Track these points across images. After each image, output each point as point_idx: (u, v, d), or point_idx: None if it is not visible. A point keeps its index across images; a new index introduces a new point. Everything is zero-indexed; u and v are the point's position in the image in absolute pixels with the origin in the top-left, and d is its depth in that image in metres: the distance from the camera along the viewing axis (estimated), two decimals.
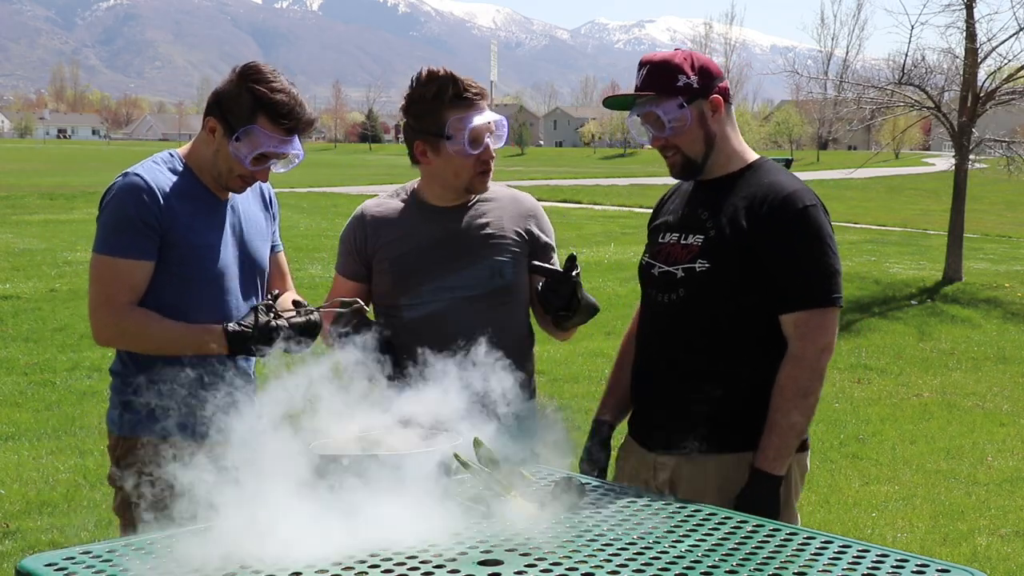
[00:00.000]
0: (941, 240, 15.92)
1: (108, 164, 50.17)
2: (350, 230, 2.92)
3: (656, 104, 2.54)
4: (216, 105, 2.61)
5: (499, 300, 2.80)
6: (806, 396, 2.45)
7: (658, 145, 2.61)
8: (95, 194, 26.21)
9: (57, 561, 1.88)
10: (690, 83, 2.53)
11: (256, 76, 2.57)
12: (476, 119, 2.70)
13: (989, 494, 5.72)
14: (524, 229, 2.87)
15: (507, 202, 2.89)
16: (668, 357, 2.61)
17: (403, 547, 1.93)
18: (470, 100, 2.70)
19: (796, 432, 2.46)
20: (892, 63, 14.58)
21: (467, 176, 2.79)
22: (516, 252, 2.84)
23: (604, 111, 41.10)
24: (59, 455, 5.94)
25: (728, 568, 1.87)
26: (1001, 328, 11.01)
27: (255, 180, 2.68)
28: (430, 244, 2.80)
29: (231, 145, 2.58)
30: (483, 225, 2.82)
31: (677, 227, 2.63)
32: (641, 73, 2.58)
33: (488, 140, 2.75)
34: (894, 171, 47.88)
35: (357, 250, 2.89)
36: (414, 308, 2.80)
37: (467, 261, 2.79)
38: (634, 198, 28.68)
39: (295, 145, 2.62)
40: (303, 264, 13.82)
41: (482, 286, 2.78)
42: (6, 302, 10.68)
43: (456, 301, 2.77)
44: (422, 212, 2.85)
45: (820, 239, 2.48)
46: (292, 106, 2.56)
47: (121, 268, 2.55)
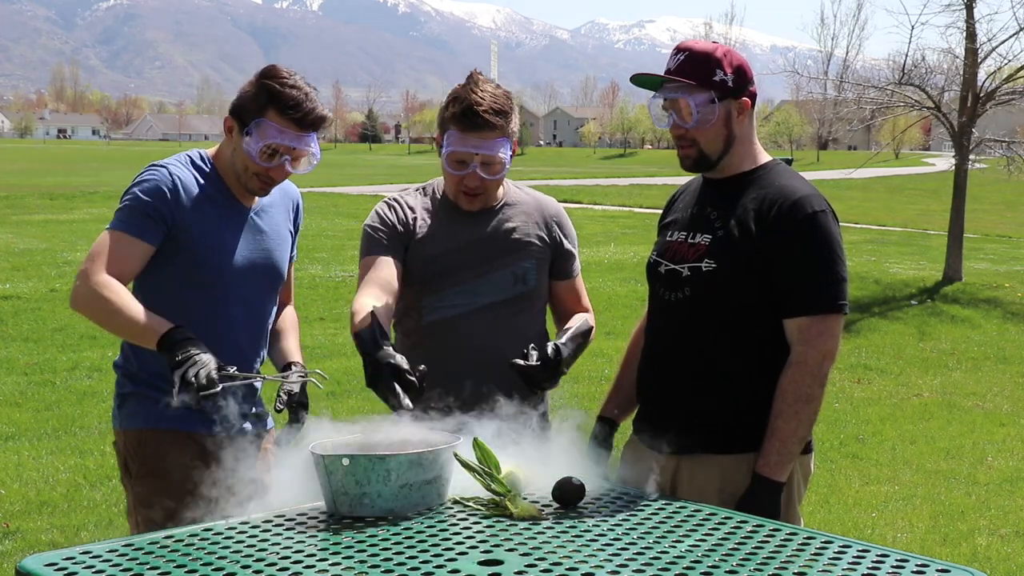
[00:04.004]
0: (941, 240, 15.92)
1: (108, 164, 50.20)
2: (383, 212, 2.79)
3: (688, 93, 2.50)
4: (234, 105, 2.64)
5: (520, 306, 2.80)
6: (808, 402, 2.44)
7: (677, 134, 2.57)
8: (95, 194, 26.32)
9: (57, 561, 1.88)
10: (726, 80, 2.52)
11: (271, 74, 2.60)
12: (457, 144, 2.64)
13: (989, 494, 5.71)
14: (548, 234, 2.85)
15: (532, 207, 2.87)
16: (673, 356, 2.60)
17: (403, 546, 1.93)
18: (471, 122, 2.63)
19: (798, 438, 2.45)
20: (892, 63, 14.59)
21: (451, 191, 2.78)
22: (540, 258, 2.83)
23: (604, 111, 41.03)
24: (59, 455, 5.93)
25: (728, 568, 1.87)
26: (1001, 328, 11.02)
27: (273, 180, 2.65)
28: (459, 248, 2.75)
29: (244, 140, 2.59)
30: (509, 230, 2.80)
31: (685, 225, 2.62)
32: (678, 58, 2.53)
33: (475, 167, 2.66)
34: (894, 171, 47.88)
35: (394, 231, 2.75)
36: (436, 311, 2.76)
37: (493, 266, 2.77)
38: (634, 198, 28.68)
39: (307, 142, 2.61)
40: (303, 264, 13.82)
41: (506, 292, 2.76)
42: (6, 302, 10.67)
43: (478, 308, 2.74)
44: (449, 213, 2.80)
45: (828, 245, 2.47)
46: (300, 99, 2.56)
47: (117, 240, 2.54)
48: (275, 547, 1.96)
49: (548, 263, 2.84)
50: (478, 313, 2.73)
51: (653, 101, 2.59)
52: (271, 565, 1.86)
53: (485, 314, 2.73)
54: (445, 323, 2.74)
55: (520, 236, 2.80)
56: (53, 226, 18.71)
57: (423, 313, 2.76)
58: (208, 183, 2.66)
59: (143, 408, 2.64)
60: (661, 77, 2.54)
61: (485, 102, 2.62)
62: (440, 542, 1.97)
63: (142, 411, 2.65)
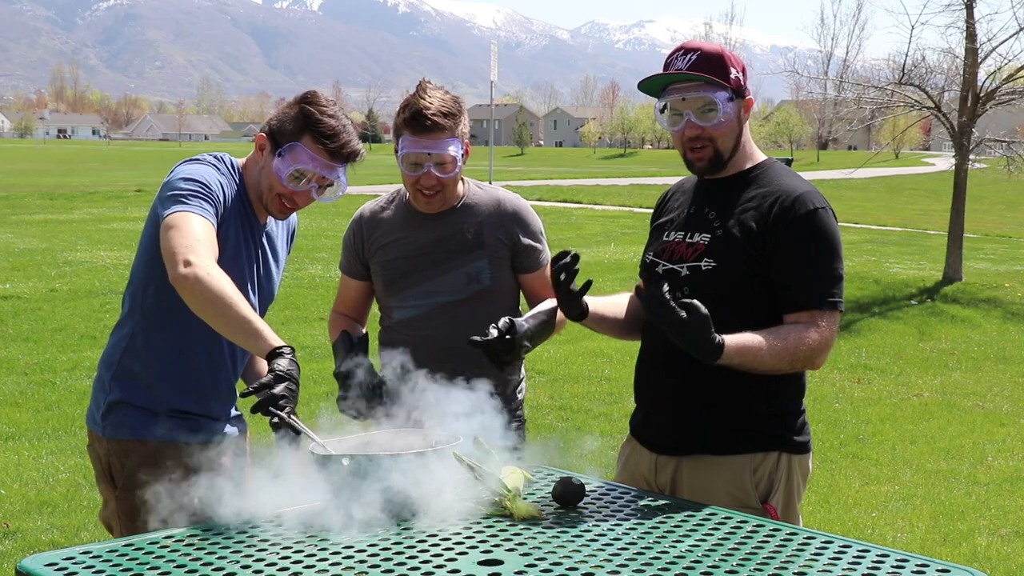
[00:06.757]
0: (941, 240, 15.92)
1: (108, 164, 50.22)
2: (350, 231, 3.07)
3: (713, 91, 2.49)
4: (270, 124, 2.64)
5: (479, 304, 2.90)
6: (792, 362, 2.42)
7: (693, 134, 2.52)
8: (95, 194, 26.31)
9: (57, 561, 1.88)
10: (738, 78, 2.53)
11: (311, 99, 2.61)
12: (410, 146, 2.80)
13: (989, 494, 5.71)
14: (504, 234, 2.95)
15: (490, 207, 2.98)
16: (671, 356, 2.60)
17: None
18: (421, 125, 2.78)
19: (760, 361, 2.38)
20: (892, 63, 14.59)
21: (410, 194, 2.94)
22: (495, 256, 2.94)
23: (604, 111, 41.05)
24: (59, 455, 5.94)
25: (728, 568, 1.87)
26: (1001, 328, 11.02)
27: (296, 204, 2.64)
28: (415, 250, 2.94)
29: (274, 161, 2.59)
30: (463, 231, 2.93)
31: (683, 225, 2.62)
32: (689, 57, 2.51)
33: (429, 167, 2.82)
34: (894, 171, 47.86)
35: (356, 251, 3.05)
36: (400, 311, 2.97)
37: (446, 267, 2.92)
38: (634, 198, 28.67)
39: (337, 173, 2.61)
40: (303, 264, 13.81)
41: (461, 292, 2.91)
42: (6, 302, 10.67)
43: (436, 307, 2.91)
44: (411, 217, 2.98)
45: (828, 243, 2.47)
46: (338, 130, 2.57)
47: (198, 223, 2.42)
48: (275, 547, 1.96)
49: (507, 260, 2.96)
50: (436, 312, 2.91)
51: (670, 99, 2.52)
52: (271, 565, 1.86)
53: (443, 313, 2.91)
54: (408, 322, 2.95)
55: (472, 237, 2.93)
56: (53, 226, 18.71)
57: (393, 311, 2.99)
58: (234, 193, 2.64)
59: (130, 419, 2.57)
60: (688, 75, 2.48)
61: (433, 106, 2.79)
62: (440, 542, 1.98)
63: (129, 422, 2.57)
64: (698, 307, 2.26)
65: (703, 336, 2.28)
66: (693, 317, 2.26)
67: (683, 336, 2.27)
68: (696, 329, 2.27)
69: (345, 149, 2.59)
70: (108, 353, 2.67)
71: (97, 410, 2.65)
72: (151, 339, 2.60)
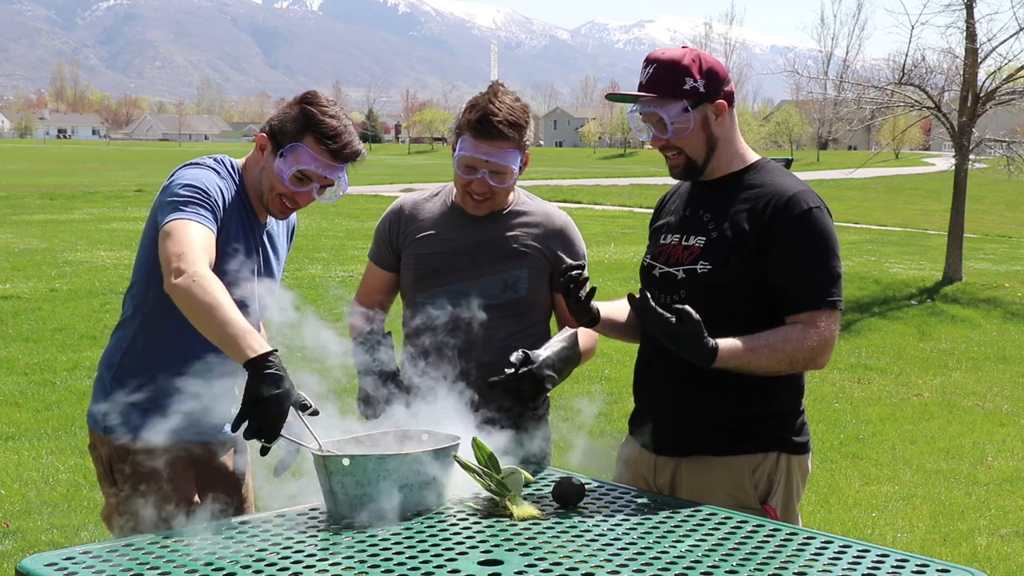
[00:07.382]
0: (941, 240, 15.92)
1: (108, 164, 50.22)
2: (386, 220, 3.00)
3: (660, 106, 2.51)
4: (271, 125, 2.64)
5: (513, 311, 2.85)
6: (792, 363, 2.43)
7: (659, 145, 2.59)
8: (95, 194, 26.29)
9: (57, 561, 1.88)
10: (696, 87, 2.51)
11: (311, 100, 2.61)
12: (469, 149, 2.74)
13: (989, 494, 5.72)
14: (548, 248, 2.89)
15: (538, 218, 2.92)
16: (669, 358, 2.60)
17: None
18: (485, 130, 2.72)
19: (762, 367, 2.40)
20: (892, 63, 14.60)
21: (459, 194, 2.88)
22: (535, 268, 2.87)
23: (604, 111, 41.13)
24: (59, 455, 5.94)
25: (728, 568, 1.87)
26: (1001, 328, 11.02)
27: (297, 204, 2.65)
28: (454, 249, 2.87)
29: (276, 161, 2.59)
30: (508, 238, 2.87)
31: (678, 228, 2.62)
32: (647, 71, 2.54)
33: (484, 174, 2.76)
34: (894, 171, 47.83)
35: (389, 241, 2.98)
36: (429, 307, 2.85)
37: (484, 271, 2.84)
38: (634, 198, 28.68)
39: (339, 173, 2.62)
40: (303, 264, 13.81)
41: (495, 297, 2.83)
42: (6, 302, 10.67)
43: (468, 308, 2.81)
44: (454, 215, 2.91)
45: (824, 242, 2.47)
46: (340, 130, 2.57)
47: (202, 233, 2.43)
48: (275, 547, 1.96)
49: (545, 275, 2.88)
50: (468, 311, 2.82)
51: (632, 116, 2.61)
52: (271, 565, 1.86)
53: (473, 316, 2.81)
54: (434, 320, 2.84)
55: (517, 245, 2.86)
56: (53, 226, 18.71)
57: (420, 306, 2.88)
58: (234, 194, 2.64)
59: (131, 419, 2.57)
60: (631, 96, 2.54)
61: (501, 113, 2.72)
62: (440, 542, 1.98)
63: (130, 422, 2.57)
64: (690, 313, 2.29)
65: (696, 341, 2.31)
66: (685, 323, 2.30)
67: (676, 342, 2.31)
68: (688, 335, 2.30)
69: (347, 149, 2.59)
70: (109, 353, 2.67)
71: (98, 410, 2.65)
72: (152, 341, 2.60)
